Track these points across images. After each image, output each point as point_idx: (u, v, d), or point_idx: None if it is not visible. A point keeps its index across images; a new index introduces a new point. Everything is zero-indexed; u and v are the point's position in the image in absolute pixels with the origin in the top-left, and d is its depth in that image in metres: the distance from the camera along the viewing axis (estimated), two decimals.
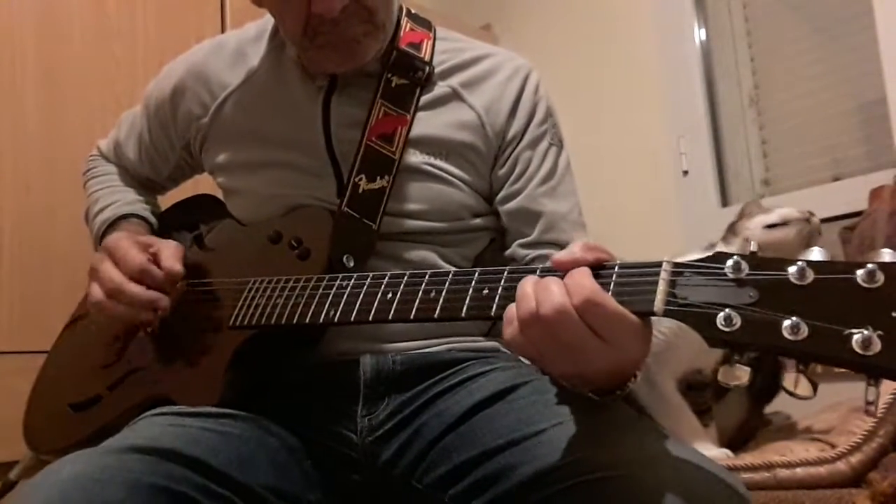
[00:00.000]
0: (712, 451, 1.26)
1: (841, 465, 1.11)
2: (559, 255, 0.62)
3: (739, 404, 1.41)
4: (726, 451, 1.28)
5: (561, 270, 0.62)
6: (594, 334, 0.58)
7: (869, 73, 1.88)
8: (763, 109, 2.18)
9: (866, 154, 1.94)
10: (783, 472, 1.15)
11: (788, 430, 1.39)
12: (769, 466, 1.16)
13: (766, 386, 1.39)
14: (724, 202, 2.19)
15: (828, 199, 1.86)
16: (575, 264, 0.61)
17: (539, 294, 0.59)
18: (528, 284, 0.61)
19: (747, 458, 1.20)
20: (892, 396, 1.13)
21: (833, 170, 2.00)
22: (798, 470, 1.14)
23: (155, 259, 0.88)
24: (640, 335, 0.59)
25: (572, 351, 0.59)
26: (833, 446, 1.14)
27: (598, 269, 0.61)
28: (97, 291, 0.88)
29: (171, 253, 0.89)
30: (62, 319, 1.10)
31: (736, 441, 1.40)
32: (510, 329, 0.61)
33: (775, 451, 1.21)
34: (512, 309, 0.61)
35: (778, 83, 2.15)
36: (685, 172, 2.21)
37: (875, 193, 1.54)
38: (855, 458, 1.10)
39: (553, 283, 0.59)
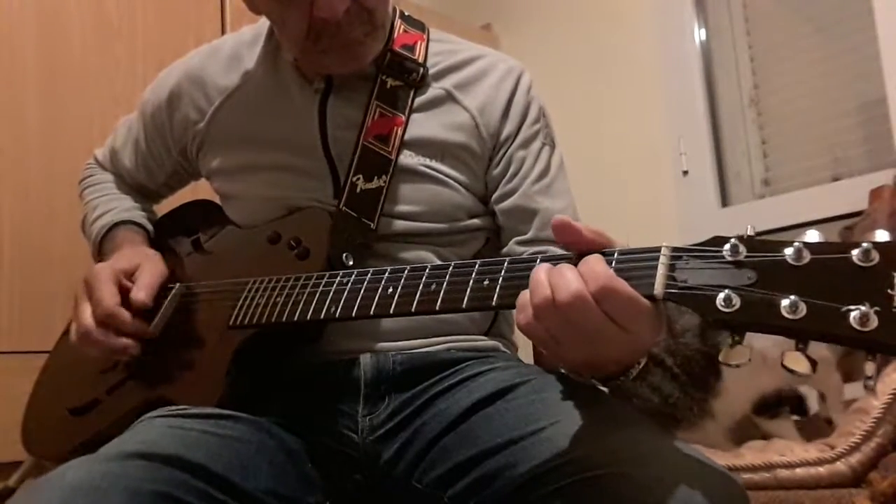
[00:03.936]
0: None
1: (840, 466, 1.11)
2: (558, 218, 0.63)
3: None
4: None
5: (561, 238, 0.63)
6: (610, 320, 0.59)
7: (869, 73, 1.88)
8: (763, 109, 2.18)
9: (866, 154, 1.94)
10: (783, 472, 1.15)
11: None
12: (769, 466, 1.16)
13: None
14: (724, 202, 2.19)
15: (828, 199, 1.86)
16: (575, 233, 0.62)
17: (554, 281, 0.60)
18: (541, 272, 0.61)
19: (747, 458, 1.20)
20: (890, 396, 1.13)
21: (833, 170, 2.00)
22: (798, 470, 1.14)
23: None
24: (654, 320, 0.60)
25: (588, 337, 0.60)
26: (833, 447, 1.14)
27: (599, 254, 0.62)
28: (73, 331, 0.90)
29: (144, 282, 0.90)
30: (62, 319, 1.10)
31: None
32: (523, 315, 0.61)
33: (775, 451, 1.21)
34: (525, 296, 0.62)
35: (778, 83, 2.15)
36: (685, 172, 2.21)
37: (875, 193, 1.54)
38: (854, 458, 1.11)
39: (567, 269, 0.60)
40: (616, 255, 0.62)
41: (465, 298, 0.67)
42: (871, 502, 1.03)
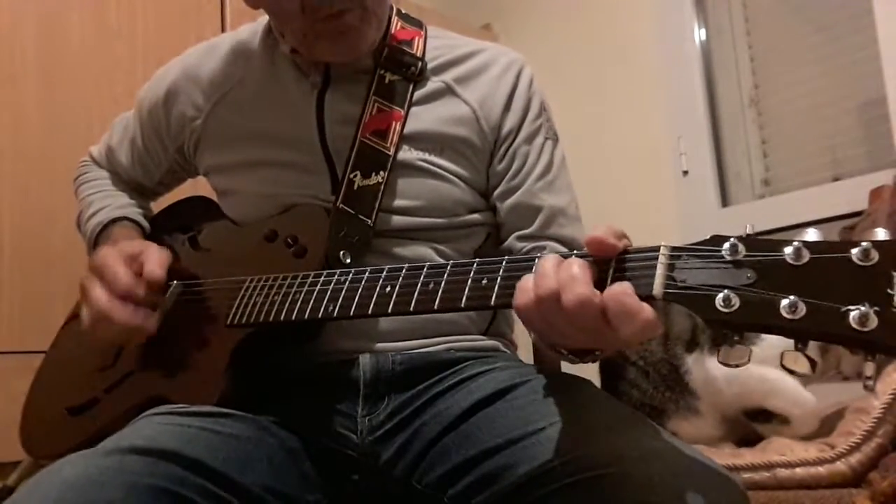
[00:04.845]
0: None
1: (840, 466, 1.11)
2: (593, 235, 0.61)
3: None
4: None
5: (591, 252, 0.61)
6: (610, 325, 0.58)
7: (869, 73, 1.88)
8: (763, 109, 2.18)
9: (866, 154, 1.94)
10: (783, 472, 1.15)
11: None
12: (769, 466, 1.16)
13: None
14: (724, 202, 2.19)
15: (828, 199, 1.86)
16: (612, 251, 0.60)
17: (562, 277, 0.59)
18: (549, 262, 0.61)
19: (747, 458, 1.20)
20: (890, 396, 1.13)
21: (833, 170, 1.99)
22: (798, 470, 1.14)
23: (141, 269, 0.88)
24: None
25: (583, 332, 0.60)
26: (833, 446, 1.14)
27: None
28: (86, 315, 0.88)
29: (155, 260, 0.89)
30: (62, 319, 1.10)
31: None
32: (524, 298, 0.61)
33: (775, 451, 1.21)
34: (528, 280, 0.61)
35: (778, 83, 2.15)
36: (685, 172, 2.21)
37: (875, 193, 1.54)
38: (854, 458, 1.11)
39: (577, 267, 0.59)
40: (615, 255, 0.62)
41: (464, 297, 0.67)
42: (871, 502, 1.03)
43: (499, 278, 0.66)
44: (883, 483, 1.03)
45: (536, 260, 0.63)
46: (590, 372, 0.81)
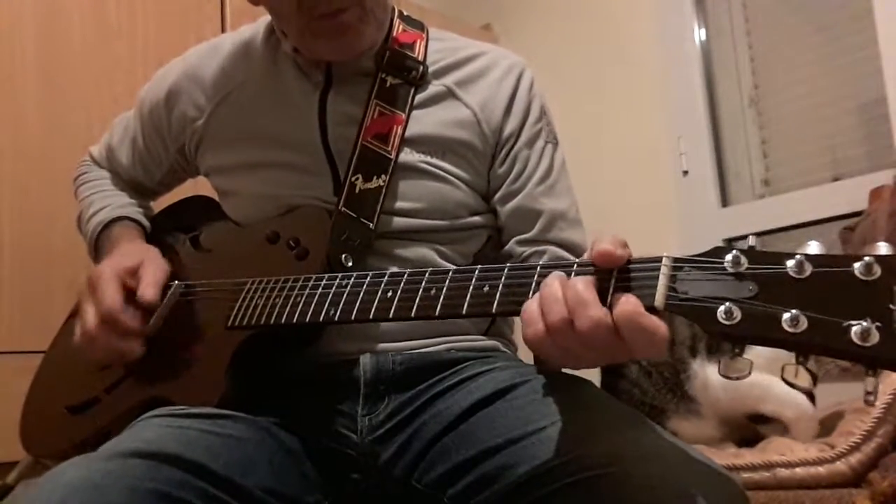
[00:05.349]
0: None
1: (840, 465, 1.11)
2: (601, 248, 0.60)
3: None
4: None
5: (598, 264, 0.61)
6: (624, 343, 0.57)
7: (869, 73, 1.88)
8: (763, 109, 2.18)
9: (866, 154, 1.94)
10: (783, 472, 1.15)
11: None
12: (769, 466, 1.16)
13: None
14: (724, 202, 2.19)
15: (828, 199, 1.87)
16: (618, 262, 0.60)
17: (572, 301, 0.58)
18: (555, 284, 0.60)
19: (747, 458, 1.20)
20: (891, 396, 1.13)
21: (833, 170, 2.00)
22: (798, 470, 1.14)
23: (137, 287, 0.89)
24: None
25: (595, 352, 0.59)
26: (833, 446, 1.14)
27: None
28: (77, 332, 0.89)
29: (150, 279, 0.89)
30: (62, 319, 1.10)
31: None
32: (534, 329, 0.59)
33: (775, 450, 1.21)
34: (534, 308, 0.60)
35: (778, 83, 2.16)
36: (685, 172, 2.21)
37: (875, 193, 1.54)
38: (854, 458, 1.11)
39: (585, 289, 0.58)
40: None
41: (465, 304, 0.66)
42: (871, 502, 1.03)
43: (500, 286, 0.65)
44: (883, 483, 1.03)
45: (537, 270, 0.62)
46: (590, 372, 0.81)
